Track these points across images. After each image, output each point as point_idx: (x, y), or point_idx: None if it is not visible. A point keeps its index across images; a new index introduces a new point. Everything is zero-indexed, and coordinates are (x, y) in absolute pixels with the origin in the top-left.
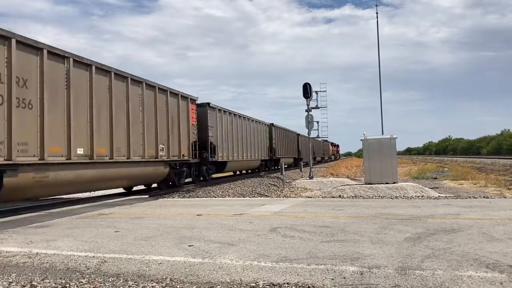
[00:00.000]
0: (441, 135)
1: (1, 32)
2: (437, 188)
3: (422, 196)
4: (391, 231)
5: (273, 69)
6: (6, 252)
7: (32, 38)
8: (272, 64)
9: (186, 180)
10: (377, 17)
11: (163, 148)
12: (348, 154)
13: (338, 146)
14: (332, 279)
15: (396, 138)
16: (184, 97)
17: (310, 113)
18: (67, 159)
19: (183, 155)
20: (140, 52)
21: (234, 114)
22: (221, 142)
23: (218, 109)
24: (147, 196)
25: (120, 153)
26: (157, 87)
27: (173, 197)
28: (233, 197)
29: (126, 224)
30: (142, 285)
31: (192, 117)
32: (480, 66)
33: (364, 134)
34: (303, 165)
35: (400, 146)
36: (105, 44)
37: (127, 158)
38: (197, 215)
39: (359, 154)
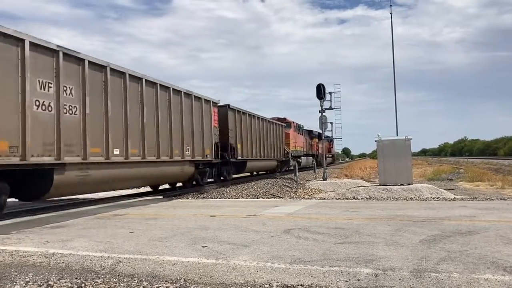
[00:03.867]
0: (457, 136)
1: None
2: (452, 189)
3: (437, 198)
4: (406, 233)
5: (285, 70)
6: (23, 252)
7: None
8: (285, 65)
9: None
10: (391, 17)
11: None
12: (362, 155)
13: (332, 141)
14: (346, 281)
15: (411, 139)
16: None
17: (323, 114)
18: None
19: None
20: (153, 54)
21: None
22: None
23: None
24: (161, 197)
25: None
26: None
27: (186, 198)
28: (246, 198)
29: (141, 225)
30: (156, 285)
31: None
32: (495, 66)
33: (378, 135)
34: (316, 166)
35: (415, 147)
36: (119, 46)
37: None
38: (211, 216)
39: (373, 155)
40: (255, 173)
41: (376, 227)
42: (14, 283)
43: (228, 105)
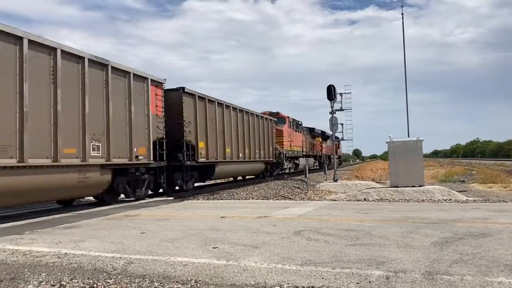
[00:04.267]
0: (469, 137)
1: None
2: (465, 191)
3: (449, 200)
4: (417, 235)
5: (295, 71)
6: (37, 252)
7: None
8: (295, 67)
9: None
10: (402, 18)
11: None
12: (373, 157)
13: (338, 142)
14: (357, 283)
15: (423, 140)
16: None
17: (334, 115)
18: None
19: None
20: (164, 56)
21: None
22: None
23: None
24: (172, 198)
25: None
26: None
27: (197, 199)
28: (256, 199)
29: (152, 226)
30: (168, 286)
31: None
32: (508, 66)
33: (389, 137)
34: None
35: (427, 149)
36: (130, 48)
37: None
38: (221, 217)
39: (384, 157)
40: (232, 179)
41: (388, 229)
42: (28, 283)
43: (183, 88)
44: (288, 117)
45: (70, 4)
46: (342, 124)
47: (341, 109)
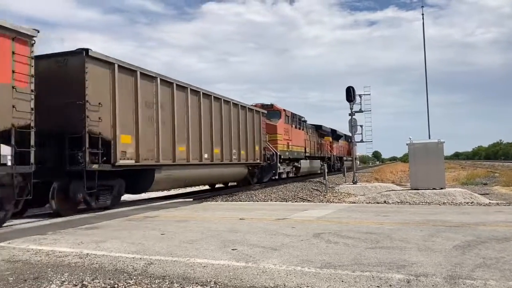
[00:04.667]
0: (492, 139)
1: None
2: (487, 194)
3: (471, 203)
4: (439, 239)
5: (314, 73)
6: (59, 252)
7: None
8: (313, 68)
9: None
10: (423, 18)
11: None
12: (393, 159)
13: (351, 142)
14: (378, 286)
15: (444, 142)
16: None
17: (353, 117)
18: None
19: None
20: (183, 58)
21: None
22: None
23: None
24: (191, 199)
25: None
26: None
27: (216, 201)
28: (275, 201)
29: (171, 227)
30: (187, 287)
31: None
32: None
33: (410, 139)
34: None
35: (448, 151)
36: (149, 51)
37: None
38: (240, 219)
39: (404, 159)
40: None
41: (408, 232)
42: (51, 283)
43: (86, 50)
44: (285, 110)
45: (90, 8)
46: (361, 126)
47: (360, 111)
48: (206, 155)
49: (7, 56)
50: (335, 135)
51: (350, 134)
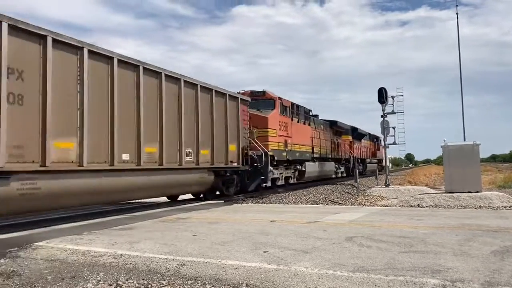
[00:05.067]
0: None
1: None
2: None
3: (509, 207)
4: (475, 243)
5: (345, 74)
6: (94, 252)
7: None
8: (344, 70)
9: None
10: (457, 17)
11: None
12: (426, 161)
13: (377, 142)
14: None
15: (479, 144)
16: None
17: (385, 118)
18: None
19: None
20: (213, 62)
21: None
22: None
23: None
24: (222, 201)
25: None
26: None
27: (246, 203)
28: (305, 204)
29: (203, 229)
30: None
31: None
32: None
33: (444, 141)
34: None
35: (484, 153)
36: (180, 55)
37: None
38: (271, 221)
39: (438, 161)
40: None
41: (443, 236)
42: (87, 282)
43: None
44: (281, 99)
45: (123, 13)
46: (394, 128)
47: (392, 112)
48: (125, 156)
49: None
50: (356, 134)
51: (377, 134)
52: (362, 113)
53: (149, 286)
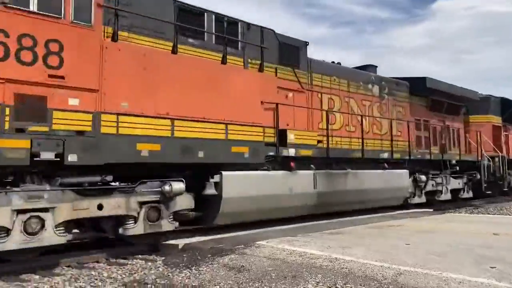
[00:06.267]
0: None
1: None
2: None
3: None
4: None
5: None
6: (310, 254)
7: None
8: None
9: None
10: None
11: None
12: None
13: None
14: None
15: None
16: None
17: None
18: None
19: None
20: (412, 62)
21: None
22: None
23: None
24: (431, 210)
25: None
26: None
27: (459, 212)
28: None
29: (414, 237)
30: None
31: None
32: None
33: None
34: None
35: None
36: (376, 58)
37: None
38: (493, 234)
39: None
40: None
41: None
42: (307, 282)
43: None
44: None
45: (321, 25)
46: None
47: None
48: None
49: None
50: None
51: None
52: None
53: None
